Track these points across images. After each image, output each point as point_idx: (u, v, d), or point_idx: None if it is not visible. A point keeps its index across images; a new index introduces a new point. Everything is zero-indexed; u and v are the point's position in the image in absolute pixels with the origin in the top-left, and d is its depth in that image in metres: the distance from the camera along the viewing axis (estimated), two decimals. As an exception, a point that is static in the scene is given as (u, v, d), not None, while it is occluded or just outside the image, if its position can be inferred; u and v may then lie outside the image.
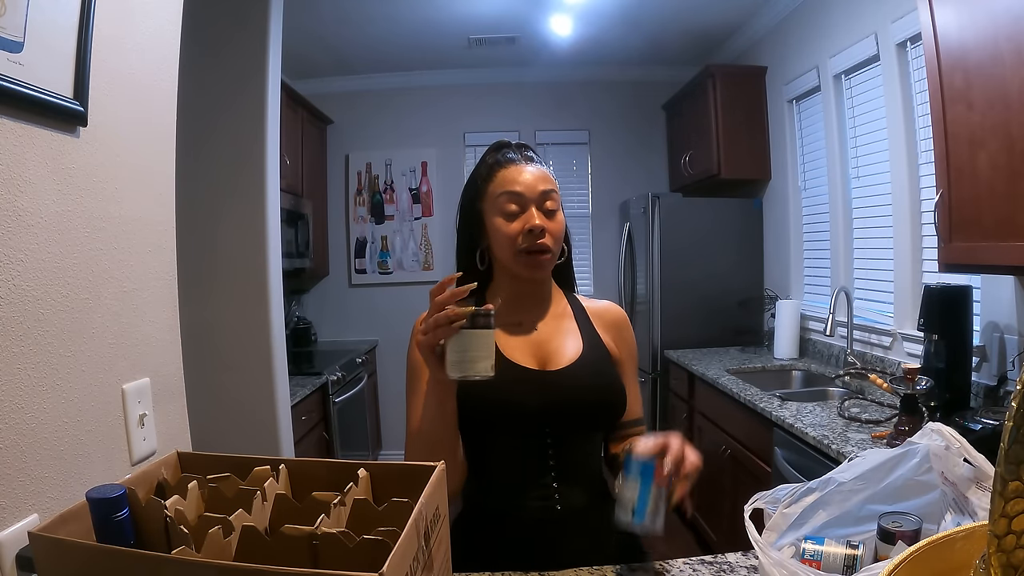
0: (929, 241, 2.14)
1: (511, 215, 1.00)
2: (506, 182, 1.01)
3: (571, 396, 0.98)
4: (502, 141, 1.09)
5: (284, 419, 2.03)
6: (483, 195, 1.04)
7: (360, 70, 3.96)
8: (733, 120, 3.30)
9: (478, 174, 1.06)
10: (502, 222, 1.00)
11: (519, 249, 0.99)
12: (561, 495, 0.98)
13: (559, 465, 0.98)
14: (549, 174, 1.03)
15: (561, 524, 0.97)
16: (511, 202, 0.99)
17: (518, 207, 0.99)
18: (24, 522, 0.71)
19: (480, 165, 1.07)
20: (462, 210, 1.08)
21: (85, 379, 0.84)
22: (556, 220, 1.01)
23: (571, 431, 1.00)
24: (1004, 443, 0.43)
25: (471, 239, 1.07)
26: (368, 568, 0.47)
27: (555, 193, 1.02)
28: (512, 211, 0.99)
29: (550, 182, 1.02)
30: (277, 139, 2.04)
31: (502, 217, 1.00)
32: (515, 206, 0.99)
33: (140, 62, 0.99)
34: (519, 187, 0.99)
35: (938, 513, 0.76)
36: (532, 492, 0.98)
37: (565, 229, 1.05)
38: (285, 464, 0.74)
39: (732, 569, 0.92)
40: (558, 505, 0.97)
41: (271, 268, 1.97)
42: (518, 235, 0.99)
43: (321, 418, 2.92)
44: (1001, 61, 1.33)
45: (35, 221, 0.75)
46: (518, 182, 1.00)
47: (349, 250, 4.19)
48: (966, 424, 1.49)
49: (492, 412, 0.96)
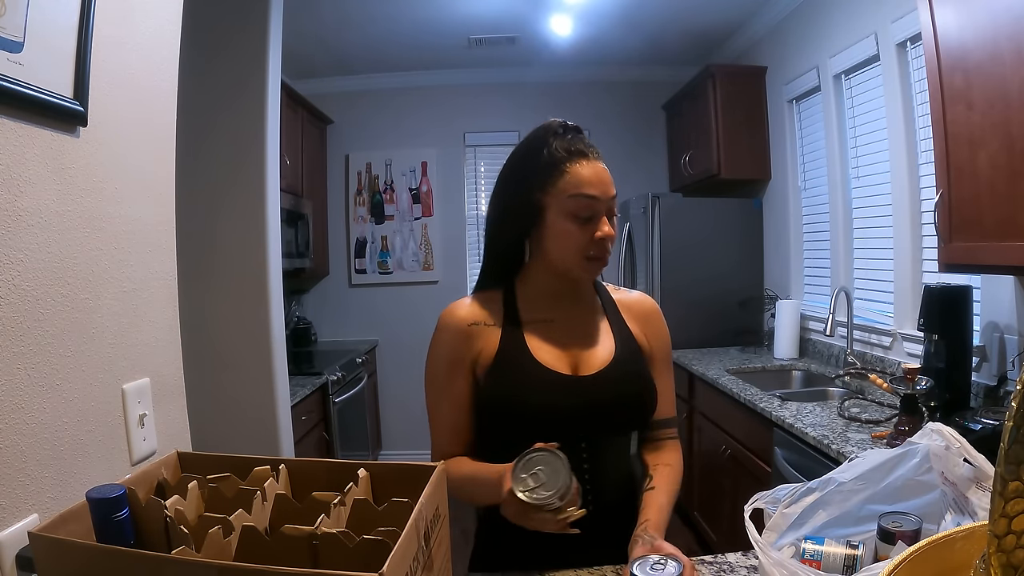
0: (929, 241, 2.14)
1: (583, 219, 0.93)
2: (584, 183, 0.93)
3: (605, 401, 0.97)
4: (560, 122, 0.98)
5: (284, 419, 2.03)
6: (548, 188, 0.94)
7: (360, 70, 3.96)
8: (733, 120, 3.30)
9: (541, 161, 0.95)
10: (572, 226, 0.94)
11: (587, 256, 0.95)
12: (594, 495, 0.97)
13: (592, 467, 0.98)
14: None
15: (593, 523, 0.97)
16: (586, 206, 0.93)
17: (592, 212, 0.93)
18: (24, 522, 0.71)
19: (541, 149, 0.96)
20: (511, 195, 0.99)
21: (85, 379, 0.84)
22: (614, 226, 0.97)
23: (604, 433, 0.99)
24: (1004, 443, 0.43)
25: (519, 227, 0.99)
26: (368, 568, 0.47)
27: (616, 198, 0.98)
28: (585, 216, 0.93)
29: (614, 184, 0.97)
30: (277, 139, 2.03)
31: (572, 221, 0.93)
32: (589, 211, 0.93)
33: (140, 62, 0.99)
34: (597, 191, 0.93)
35: (938, 513, 0.76)
36: None
37: None
38: (285, 464, 0.74)
39: (732, 569, 0.92)
40: (591, 505, 0.97)
41: (271, 268, 1.97)
42: (589, 243, 0.94)
43: (321, 418, 2.92)
44: (1001, 61, 1.33)
45: (35, 221, 0.75)
46: (596, 185, 0.94)
47: (349, 250, 4.19)
48: (966, 424, 1.49)
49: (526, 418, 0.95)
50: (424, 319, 4.18)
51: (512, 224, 1.00)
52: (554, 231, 0.95)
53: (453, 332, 1.00)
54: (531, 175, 0.96)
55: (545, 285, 1.02)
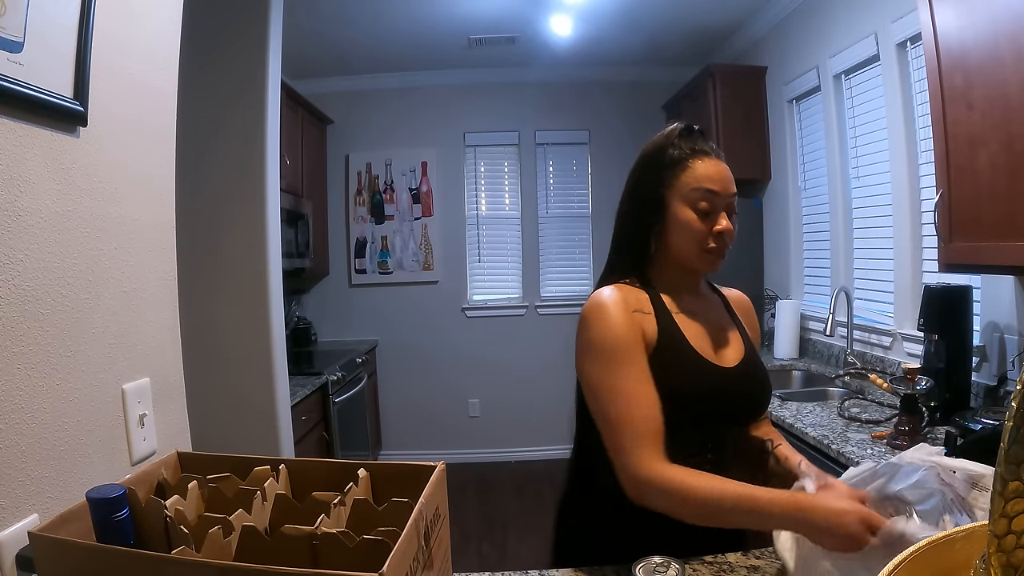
0: (929, 241, 2.14)
1: (703, 213, 0.98)
2: (704, 178, 0.98)
3: (743, 391, 1.02)
4: (688, 126, 1.03)
5: (284, 419, 2.03)
6: (672, 183, 1.00)
7: (360, 70, 3.96)
8: (733, 120, 3.30)
9: (667, 158, 1.01)
10: (693, 218, 0.98)
11: (706, 248, 0.99)
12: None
13: (715, 458, 1.00)
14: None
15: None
16: (706, 200, 0.98)
17: (711, 206, 0.98)
18: (24, 522, 0.71)
19: (667, 148, 1.01)
20: (639, 189, 1.04)
21: (85, 379, 0.84)
22: (733, 221, 1.01)
23: (732, 423, 1.03)
24: (1004, 443, 0.43)
25: (646, 221, 1.03)
26: (368, 568, 0.47)
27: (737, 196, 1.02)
28: (705, 209, 0.98)
29: (735, 183, 1.01)
30: (277, 139, 2.03)
31: (694, 212, 0.98)
32: (708, 204, 0.98)
33: (140, 62, 0.99)
34: (717, 187, 0.98)
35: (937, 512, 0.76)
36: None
37: None
38: (285, 464, 0.74)
39: (732, 569, 0.92)
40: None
41: (271, 268, 1.97)
42: (708, 235, 0.98)
43: (321, 418, 2.92)
44: (1001, 61, 1.33)
45: (35, 221, 0.75)
46: (716, 180, 0.98)
47: (349, 250, 4.19)
48: (966, 424, 1.49)
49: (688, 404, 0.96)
50: (424, 319, 4.22)
51: (639, 218, 1.04)
52: (676, 223, 1.00)
53: (623, 312, 0.97)
54: (658, 171, 1.02)
55: (673, 279, 1.05)
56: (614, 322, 0.95)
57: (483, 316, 4.25)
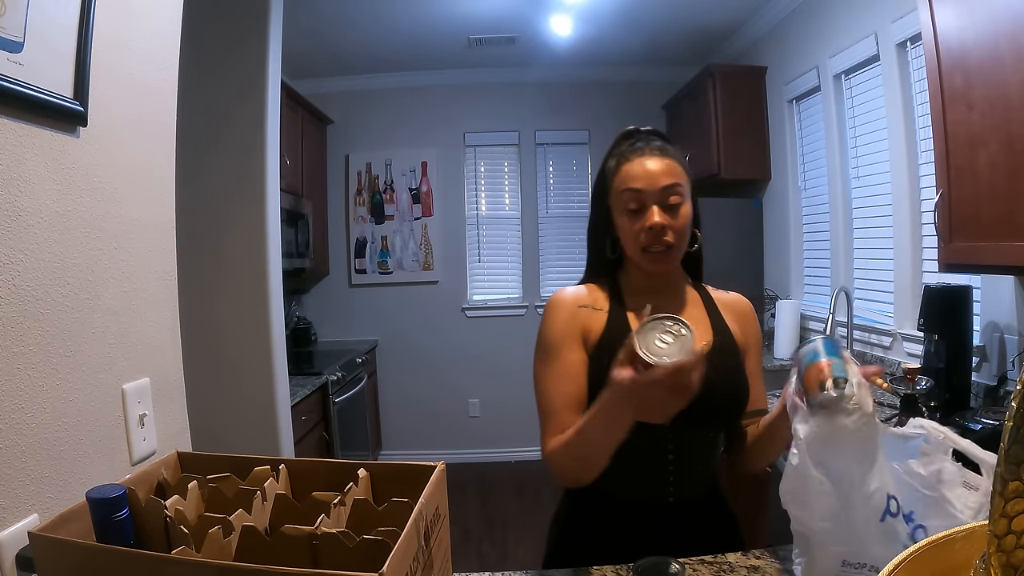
0: (929, 241, 2.14)
1: (633, 212, 0.98)
2: (629, 178, 0.99)
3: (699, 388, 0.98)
4: (630, 130, 1.06)
5: (284, 419, 2.03)
6: (609, 190, 1.03)
7: (360, 70, 3.96)
8: (733, 120, 3.29)
9: (607, 167, 1.04)
10: (624, 219, 1.00)
11: (641, 247, 0.99)
12: (676, 487, 0.98)
13: (677, 458, 0.98)
14: (676, 164, 1.00)
15: (670, 516, 0.98)
16: (633, 199, 0.98)
17: (639, 204, 0.98)
18: (24, 522, 0.71)
19: (608, 156, 1.05)
20: (592, 202, 1.08)
21: (85, 379, 0.84)
22: (680, 214, 0.98)
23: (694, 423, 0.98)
24: (1004, 443, 0.43)
25: (602, 231, 1.07)
26: (368, 568, 0.47)
27: (679, 186, 0.98)
28: (634, 208, 0.98)
29: (674, 174, 0.98)
30: (277, 139, 2.03)
31: (625, 214, 0.99)
32: (636, 203, 0.98)
33: (140, 62, 0.99)
34: (641, 183, 0.98)
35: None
36: (647, 482, 0.98)
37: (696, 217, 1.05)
38: (285, 464, 0.74)
39: (732, 569, 0.92)
40: (671, 497, 0.98)
41: (271, 268, 1.97)
42: (639, 233, 0.98)
43: (321, 418, 2.92)
44: (1001, 61, 1.33)
45: (35, 221, 0.75)
46: (641, 177, 0.98)
47: (349, 250, 4.19)
48: (966, 424, 1.49)
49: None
50: (424, 319, 4.22)
51: (598, 229, 1.08)
52: (619, 229, 1.02)
53: (564, 310, 1.03)
54: (601, 182, 1.06)
55: (640, 280, 1.06)
56: (551, 319, 1.02)
57: (483, 316, 4.25)
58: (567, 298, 1.05)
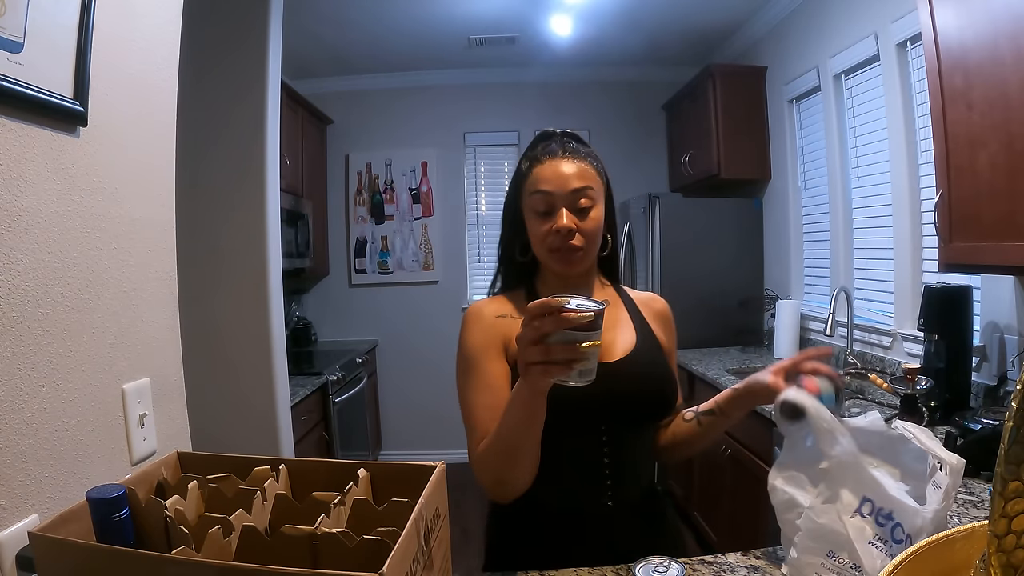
0: (929, 241, 2.14)
1: (542, 214, 0.99)
2: (539, 180, 0.99)
3: (629, 386, 0.98)
4: (546, 132, 1.06)
5: (284, 419, 2.03)
6: (521, 192, 1.03)
7: (360, 70, 3.96)
8: (733, 120, 3.29)
9: (519, 169, 1.05)
10: (533, 221, 1.01)
11: (549, 248, 0.99)
12: (614, 490, 0.98)
13: (613, 461, 0.98)
14: (589, 168, 1.00)
15: (611, 519, 0.98)
16: (543, 201, 0.99)
17: (548, 207, 0.99)
18: (24, 522, 0.71)
19: (522, 158, 1.06)
20: (505, 205, 1.09)
21: (85, 379, 0.84)
22: (589, 218, 0.99)
23: (627, 422, 0.99)
24: (1004, 443, 0.43)
25: (514, 233, 1.07)
26: (368, 568, 0.47)
27: (590, 190, 0.99)
28: (543, 210, 0.99)
29: (585, 178, 0.99)
30: (277, 139, 2.03)
31: (534, 216, 1.00)
32: (545, 205, 0.99)
33: (140, 62, 0.99)
34: (551, 186, 0.98)
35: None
36: (585, 487, 0.98)
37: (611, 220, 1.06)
38: (285, 464, 0.74)
39: (732, 569, 0.92)
40: (610, 501, 0.98)
41: (271, 268, 1.97)
42: (547, 236, 0.99)
43: (321, 418, 2.92)
44: (1001, 61, 1.33)
45: (35, 221, 0.75)
46: (551, 180, 0.98)
47: (349, 250, 4.19)
48: (966, 424, 1.49)
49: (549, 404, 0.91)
50: (424, 319, 4.22)
51: (510, 231, 1.08)
52: (528, 231, 1.03)
53: (482, 320, 1.02)
54: (513, 185, 1.06)
55: (556, 285, 1.05)
56: (470, 332, 1.01)
57: (483, 316, 4.24)
58: (484, 309, 1.04)
